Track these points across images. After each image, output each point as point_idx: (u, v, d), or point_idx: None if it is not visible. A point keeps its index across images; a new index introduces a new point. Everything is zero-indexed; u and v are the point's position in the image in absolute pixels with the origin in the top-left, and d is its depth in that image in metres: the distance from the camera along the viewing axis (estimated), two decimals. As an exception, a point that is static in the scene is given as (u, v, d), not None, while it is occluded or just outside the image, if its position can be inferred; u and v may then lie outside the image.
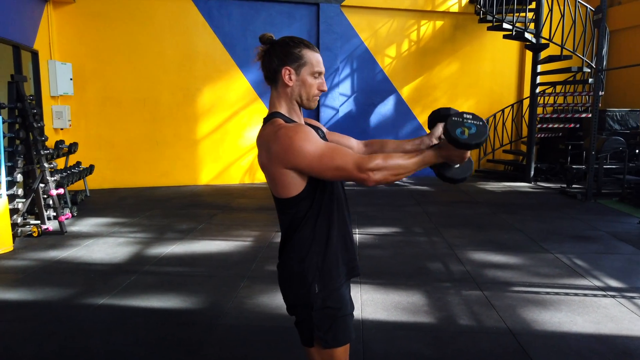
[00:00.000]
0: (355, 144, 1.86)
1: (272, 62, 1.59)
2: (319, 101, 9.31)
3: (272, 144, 1.51)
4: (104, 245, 4.93)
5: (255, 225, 5.76)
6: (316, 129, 1.67)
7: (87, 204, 6.90)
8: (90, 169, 7.44)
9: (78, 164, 7.32)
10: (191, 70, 8.38)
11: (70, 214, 5.65)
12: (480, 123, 1.47)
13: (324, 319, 1.61)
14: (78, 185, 7.68)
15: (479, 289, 3.80)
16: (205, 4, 8.26)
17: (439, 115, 1.76)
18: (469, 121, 1.46)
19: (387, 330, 3.08)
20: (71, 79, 7.68)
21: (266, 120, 1.62)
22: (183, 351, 2.84)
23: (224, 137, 8.68)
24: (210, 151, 8.66)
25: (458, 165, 1.58)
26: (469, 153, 1.52)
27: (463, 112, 1.50)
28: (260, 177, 8.94)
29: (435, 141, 1.74)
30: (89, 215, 6.20)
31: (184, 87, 8.39)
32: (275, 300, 3.54)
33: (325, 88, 1.64)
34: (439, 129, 1.74)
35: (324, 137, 1.69)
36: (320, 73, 1.61)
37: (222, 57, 8.47)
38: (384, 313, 3.34)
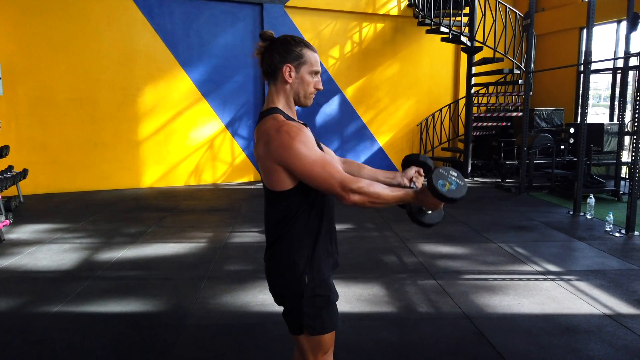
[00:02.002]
0: (336, 158, 1.88)
1: (273, 59, 1.64)
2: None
3: (272, 139, 1.56)
4: (48, 252, 4.69)
5: (207, 227, 5.69)
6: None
7: (22, 211, 6.50)
8: (24, 173, 7.01)
9: (10, 168, 6.87)
10: (131, 69, 8.10)
11: (7, 221, 5.32)
12: (462, 183, 1.55)
13: (312, 307, 1.67)
14: (9, 191, 7.20)
15: (433, 278, 4.00)
16: (145, 1, 8.02)
17: (412, 160, 1.89)
18: (453, 178, 1.54)
19: (353, 321, 3.19)
20: (0, 78, 7.19)
21: (264, 114, 1.66)
22: (154, 354, 2.80)
23: (168, 138, 8.47)
24: (153, 153, 8.41)
25: (430, 212, 1.65)
26: (442, 204, 1.59)
27: (450, 169, 1.58)
28: (206, 179, 8.81)
29: (406, 181, 1.84)
30: (27, 222, 5.86)
31: (124, 87, 8.09)
32: (240, 299, 3.55)
33: (321, 87, 1.71)
34: (412, 170, 1.86)
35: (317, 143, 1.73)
36: (317, 72, 1.69)
37: (164, 56, 8.26)
38: (348, 305, 3.45)
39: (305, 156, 1.53)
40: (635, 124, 5.30)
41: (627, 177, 7.45)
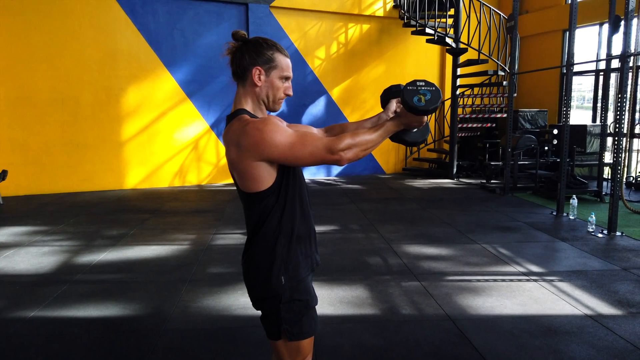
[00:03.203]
0: (317, 132, 1.91)
1: (244, 60, 1.61)
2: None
3: (242, 138, 1.53)
4: (26, 255, 4.59)
5: (191, 229, 5.63)
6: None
7: (1, 213, 6.38)
8: (4, 175, 6.89)
9: (-11, 169, 6.74)
10: (114, 69, 8.00)
11: (-16, 224, 5.21)
12: (433, 88, 1.56)
13: (291, 312, 1.64)
14: (-11, 192, 7.07)
15: (417, 280, 3.99)
16: (128, 0, 7.92)
17: (391, 93, 1.82)
18: (423, 88, 1.56)
19: (335, 324, 3.16)
20: (-22, 77, 7.06)
21: (231, 117, 1.63)
22: (133, 359, 2.74)
23: (152, 139, 8.38)
24: (136, 154, 8.31)
25: (416, 130, 1.69)
26: (426, 117, 1.64)
27: (416, 80, 1.58)
28: (190, 180, 8.73)
29: (391, 115, 1.80)
30: (5, 225, 5.74)
31: (106, 87, 7.99)
32: (221, 302, 3.50)
33: (291, 93, 1.69)
34: (393, 104, 1.80)
35: None
36: (288, 78, 1.66)
37: (148, 56, 8.17)
38: (331, 308, 3.42)
39: (282, 142, 1.51)
40: (617, 125, 5.35)
41: (609, 178, 7.53)
